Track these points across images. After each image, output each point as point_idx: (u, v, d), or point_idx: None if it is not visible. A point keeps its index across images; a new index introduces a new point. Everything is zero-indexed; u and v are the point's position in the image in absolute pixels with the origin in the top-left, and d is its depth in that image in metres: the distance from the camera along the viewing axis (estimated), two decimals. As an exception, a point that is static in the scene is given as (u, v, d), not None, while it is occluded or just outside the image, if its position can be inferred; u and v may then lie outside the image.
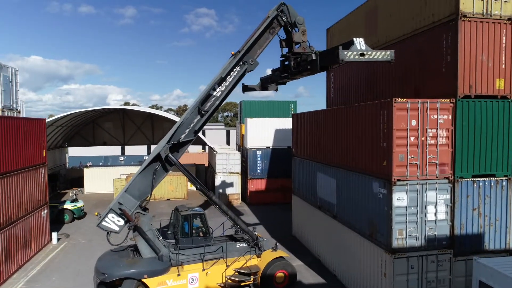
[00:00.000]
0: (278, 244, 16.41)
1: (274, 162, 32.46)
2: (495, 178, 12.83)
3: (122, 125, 44.89)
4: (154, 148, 14.89)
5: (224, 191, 33.00)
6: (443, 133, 12.39)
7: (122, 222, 14.11)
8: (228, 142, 67.20)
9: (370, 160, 13.44)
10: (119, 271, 13.37)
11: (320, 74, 13.97)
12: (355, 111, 14.71)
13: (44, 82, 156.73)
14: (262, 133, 32.40)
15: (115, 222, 14.00)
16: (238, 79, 14.58)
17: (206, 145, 41.82)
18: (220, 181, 33.02)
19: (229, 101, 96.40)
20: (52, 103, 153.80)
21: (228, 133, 71.57)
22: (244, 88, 16.05)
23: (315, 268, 17.72)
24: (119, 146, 53.33)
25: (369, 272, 13.69)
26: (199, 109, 14.32)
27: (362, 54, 11.68)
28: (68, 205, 26.60)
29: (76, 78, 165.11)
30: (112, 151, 59.39)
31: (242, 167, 33.73)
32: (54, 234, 22.05)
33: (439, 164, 12.42)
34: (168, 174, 15.72)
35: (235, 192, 33.11)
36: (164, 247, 14.35)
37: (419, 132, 12.22)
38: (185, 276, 14.09)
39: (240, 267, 14.96)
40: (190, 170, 35.82)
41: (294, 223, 23.21)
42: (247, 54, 14.25)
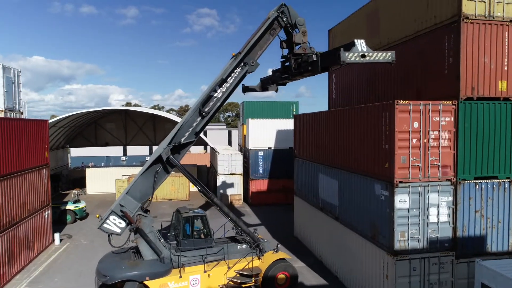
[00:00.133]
0: (280, 246, 16.42)
1: (276, 163, 32.44)
2: (498, 180, 12.78)
3: (124, 126, 45.01)
4: (155, 150, 14.87)
5: (226, 192, 33.02)
6: (445, 135, 12.34)
7: (124, 224, 14.09)
8: (230, 143, 67.26)
9: (372, 162, 13.41)
10: (121, 273, 13.37)
11: (322, 75, 13.96)
12: (357, 113, 14.68)
13: (46, 82, 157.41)
14: (264, 134, 32.39)
15: (117, 224, 13.98)
16: (239, 81, 14.56)
17: (208, 146, 41.83)
18: (222, 182, 33.04)
19: (231, 101, 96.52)
20: (54, 103, 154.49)
21: (230, 134, 71.67)
22: (245, 89, 16.02)
23: (317, 270, 17.71)
24: (121, 147, 53.41)
25: (371, 274, 13.67)
26: (200, 111, 14.29)
27: (363, 56, 11.66)
28: (71, 206, 26.66)
29: (78, 78, 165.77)
30: (114, 152, 59.48)
31: (244, 168, 33.74)
32: (57, 235, 22.09)
33: (441, 166, 12.37)
34: (170, 175, 15.71)
35: (237, 193, 33.13)
36: (166, 249, 14.34)
37: (421, 134, 12.17)
38: (187, 278, 14.10)
39: (242, 269, 14.96)
40: (192, 171, 36.22)
41: (296, 224, 23.20)
42: (248, 56, 14.22)
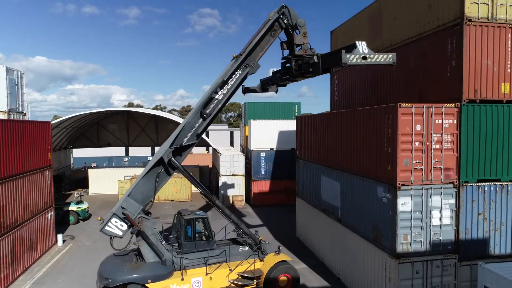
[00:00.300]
0: (282, 247, 16.42)
1: (278, 164, 32.42)
2: (501, 183, 12.72)
3: (126, 127, 45.09)
4: (157, 152, 14.84)
5: (228, 193, 33.04)
6: (448, 138, 12.31)
7: (125, 227, 14.07)
8: (232, 143, 67.26)
9: (375, 165, 13.39)
10: (123, 276, 13.37)
11: (324, 75, 13.92)
12: (360, 115, 14.66)
13: (49, 82, 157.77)
14: (266, 135, 32.38)
15: (118, 227, 13.96)
16: (240, 82, 14.53)
17: (210, 147, 41.88)
18: (224, 183, 33.05)
19: (233, 102, 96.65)
20: (57, 103, 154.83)
21: (232, 134, 71.65)
22: (245, 90, 15.99)
23: (319, 271, 17.69)
24: (123, 147, 53.55)
25: (374, 276, 13.65)
26: (202, 112, 14.27)
27: (365, 58, 11.64)
28: (73, 207, 26.71)
29: (80, 78, 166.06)
30: (117, 152, 59.64)
31: (246, 169, 33.74)
32: (60, 236, 22.15)
33: (444, 169, 12.35)
34: (172, 176, 15.71)
35: (239, 194, 33.14)
36: (168, 252, 14.34)
37: (424, 137, 12.15)
38: (189, 281, 14.10)
39: (243, 271, 14.97)
40: (194, 171, 36.28)
41: (298, 226, 23.19)
42: (249, 57, 14.18)
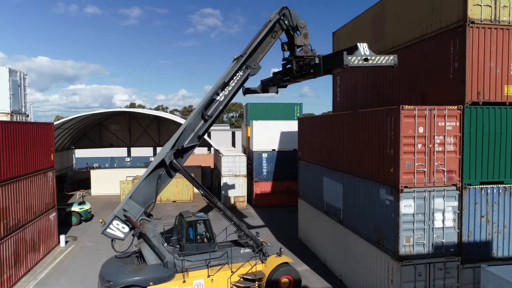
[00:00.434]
0: (283, 249, 16.37)
1: (280, 165, 32.41)
2: (503, 185, 12.67)
3: (128, 127, 45.19)
4: (158, 154, 14.82)
5: (230, 194, 33.04)
6: (451, 140, 12.27)
7: (127, 229, 14.04)
8: (234, 144, 67.19)
9: (377, 167, 13.35)
10: (124, 279, 13.31)
11: (325, 75, 13.89)
12: (362, 117, 14.62)
13: (51, 83, 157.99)
14: (268, 136, 32.38)
15: (120, 229, 13.94)
16: (241, 84, 14.53)
17: (212, 147, 41.90)
18: (226, 183, 33.06)
19: (235, 102, 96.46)
20: (59, 103, 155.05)
21: (234, 135, 71.57)
22: (245, 91, 15.93)
23: (321, 273, 17.67)
24: (125, 148, 53.56)
25: (376, 279, 13.61)
26: (203, 114, 14.28)
27: (366, 59, 11.63)
28: (76, 208, 26.78)
29: (82, 79, 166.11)
30: (119, 153, 59.68)
31: (248, 170, 33.74)
32: (62, 237, 22.20)
33: (447, 171, 12.30)
34: (174, 177, 15.70)
35: (241, 195, 33.12)
36: (169, 254, 14.30)
37: (427, 139, 12.11)
38: (191, 283, 14.06)
39: (245, 273, 14.93)
40: (196, 172, 36.28)
41: (300, 227, 23.17)
42: (250, 58, 14.17)
